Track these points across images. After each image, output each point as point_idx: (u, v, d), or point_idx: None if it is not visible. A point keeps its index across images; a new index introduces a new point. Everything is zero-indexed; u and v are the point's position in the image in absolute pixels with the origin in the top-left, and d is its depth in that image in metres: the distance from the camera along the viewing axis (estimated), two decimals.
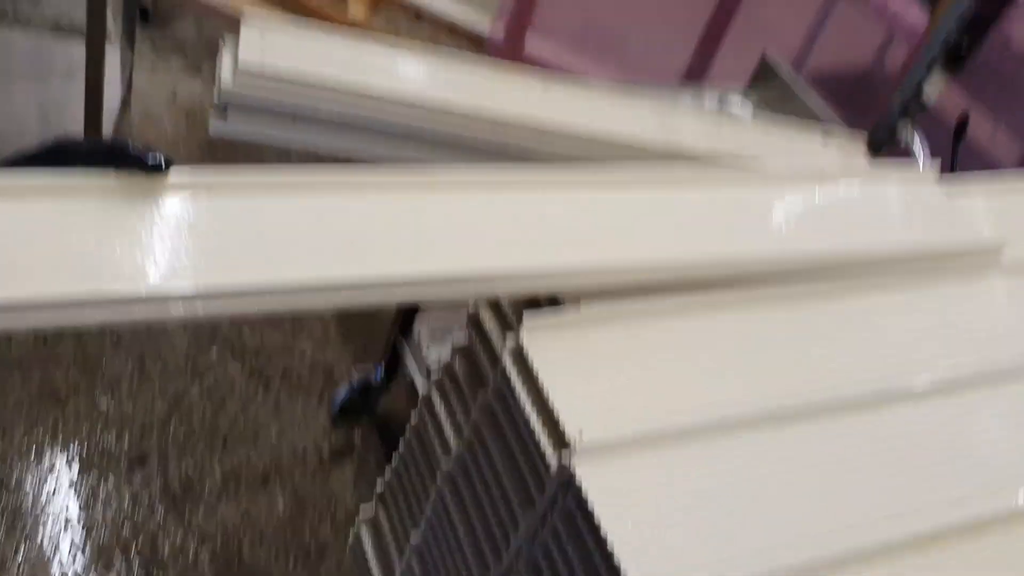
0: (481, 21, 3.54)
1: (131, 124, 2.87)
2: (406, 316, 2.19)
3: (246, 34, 1.45)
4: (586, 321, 0.87)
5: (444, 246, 0.92)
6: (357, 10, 3.40)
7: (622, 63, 3.19)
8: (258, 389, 2.33)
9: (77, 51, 2.68)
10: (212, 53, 3.26)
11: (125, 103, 2.86)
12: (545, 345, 0.84)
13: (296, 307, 0.93)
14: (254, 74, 1.40)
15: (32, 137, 2.44)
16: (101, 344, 2.28)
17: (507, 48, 3.24)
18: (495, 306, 0.97)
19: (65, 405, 2.16)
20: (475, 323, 0.97)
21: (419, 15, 3.52)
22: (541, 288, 0.89)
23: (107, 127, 2.56)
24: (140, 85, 3.00)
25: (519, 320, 0.86)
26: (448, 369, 1.03)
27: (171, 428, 2.19)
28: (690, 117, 1.66)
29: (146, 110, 2.94)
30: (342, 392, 2.30)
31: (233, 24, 3.09)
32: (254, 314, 0.99)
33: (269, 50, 1.43)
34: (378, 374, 2.28)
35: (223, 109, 1.44)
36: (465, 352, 1.00)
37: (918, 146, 1.61)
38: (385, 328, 2.57)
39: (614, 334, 0.87)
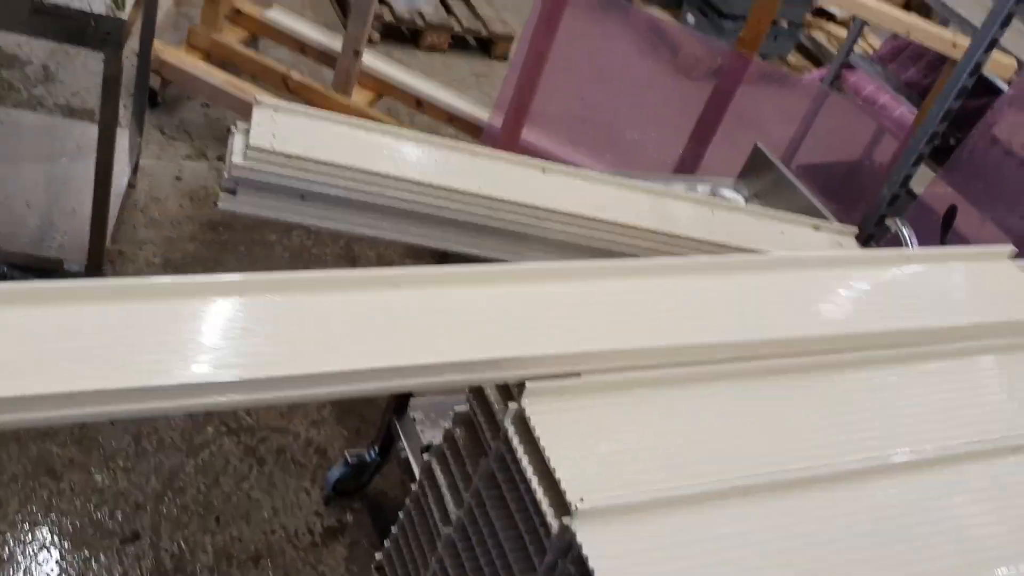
0: (480, 111, 3.65)
1: (136, 204, 2.93)
2: (400, 397, 2.20)
3: (258, 114, 1.51)
4: (587, 389, 0.90)
5: (470, 334, 0.95)
6: (360, 98, 3.50)
7: (616, 155, 3.28)
8: (252, 467, 2.33)
9: (87, 132, 2.76)
10: (217, 138, 3.36)
11: (131, 184, 2.93)
12: (547, 412, 0.87)
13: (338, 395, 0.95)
14: (264, 152, 1.45)
15: (39, 213, 2.51)
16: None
17: (505, 138, 3.34)
18: None
19: (60, 480, 2.15)
20: (477, 391, 1.00)
21: (420, 104, 3.62)
22: (558, 371, 0.92)
23: (113, 207, 2.62)
24: (146, 166, 3.08)
25: (520, 389, 0.89)
26: (449, 437, 1.05)
27: (165, 505, 2.18)
28: (685, 203, 1.72)
29: (151, 191, 3.00)
30: (336, 471, 2.30)
31: (240, 109, 3.19)
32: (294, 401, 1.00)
33: (279, 130, 1.49)
34: (372, 454, 2.29)
35: (233, 185, 1.49)
36: (466, 420, 1.02)
37: (907, 235, 1.66)
38: (379, 409, 2.59)
39: (615, 401, 0.89)
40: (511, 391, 1.01)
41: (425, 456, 1.12)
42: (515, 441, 0.86)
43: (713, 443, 0.92)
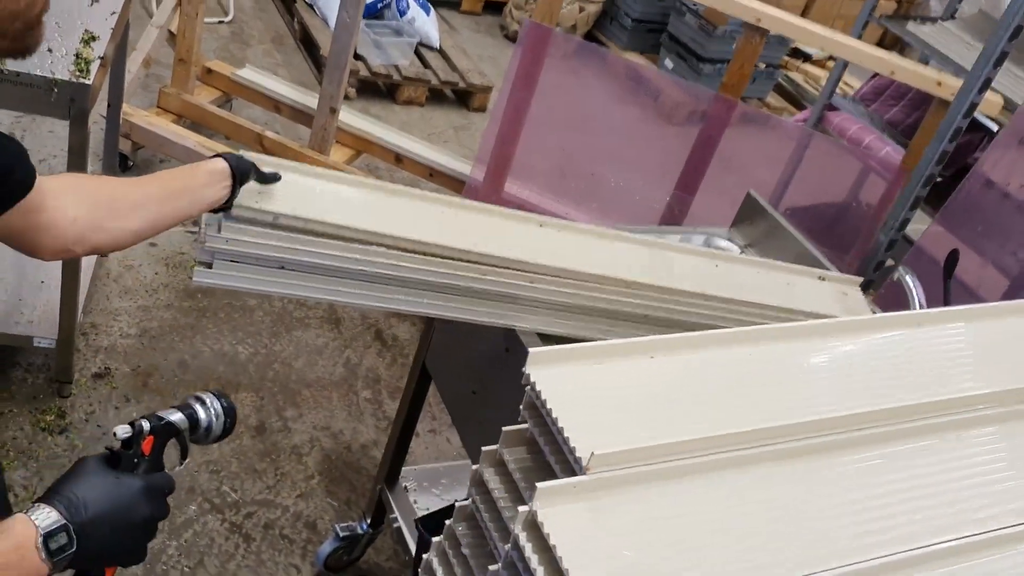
0: (460, 164, 3.59)
1: (108, 273, 2.84)
2: (392, 465, 2.11)
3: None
4: (600, 487, 0.81)
5: None
6: (338, 155, 3.43)
7: (602, 204, 3.22)
8: (238, 545, 2.22)
9: None
10: None
11: (103, 254, 2.83)
12: (560, 515, 0.78)
13: None
14: (241, 224, 1.37)
15: (6, 288, 2.41)
16: None
17: (487, 191, 3.27)
18: (499, 464, 0.91)
19: None
20: (479, 484, 0.91)
21: (399, 159, 3.56)
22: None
23: (84, 278, 2.53)
24: None
25: (526, 482, 0.80)
26: (450, 535, 0.96)
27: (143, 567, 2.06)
28: (686, 256, 1.65)
29: (124, 259, 2.91)
30: (327, 546, 2.19)
31: None
32: None
33: (256, 200, 1.41)
34: (363, 526, 2.18)
35: (208, 258, 1.41)
36: (470, 517, 0.93)
37: (912, 284, 1.59)
38: (368, 478, 2.49)
39: (631, 498, 0.81)
40: (515, 482, 0.92)
41: (425, 556, 1.02)
42: (528, 548, 0.77)
43: (747, 539, 0.83)
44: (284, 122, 3.77)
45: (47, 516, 0.92)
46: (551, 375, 0.85)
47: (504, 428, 0.92)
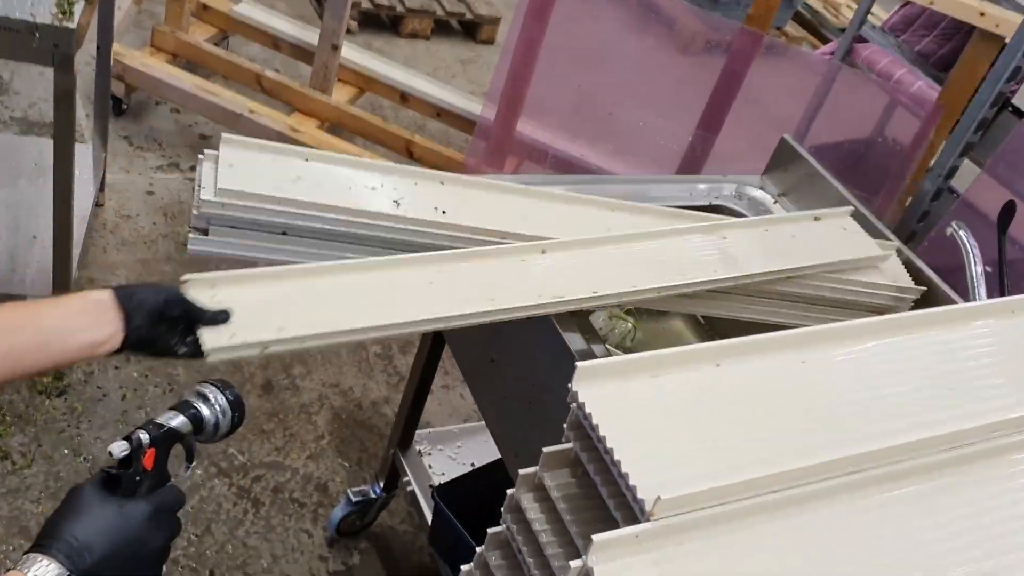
0: (469, 103, 3.43)
1: (105, 224, 2.72)
2: (405, 429, 2.01)
3: (225, 151, 1.30)
4: (666, 535, 0.69)
5: None
6: (340, 95, 3.28)
7: (619, 145, 3.07)
8: (247, 511, 2.14)
9: (45, 150, 2.54)
10: (190, 145, 3.14)
11: (98, 203, 2.71)
12: (621, 571, 0.66)
13: None
14: (235, 194, 1.25)
15: (2, 240, 2.29)
16: (74, 468, 2.08)
17: (498, 131, 3.12)
18: (539, 488, 0.79)
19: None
20: (516, 511, 0.79)
21: (405, 98, 3.41)
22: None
23: (79, 231, 2.41)
24: (114, 182, 2.86)
25: (572, 514, 0.69)
26: (482, 564, 0.85)
27: None
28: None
29: (121, 209, 2.78)
30: (339, 511, 2.11)
31: (212, 113, 2.96)
32: None
33: (250, 168, 1.29)
34: (376, 490, 2.10)
35: (204, 224, 1.29)
36: (504, 544, 0.81)
37: (967, 241, 1.47)
38: (380, 437, 2.40)
39: (703, 547, 0.69)
40: (558, 512, 0.80)
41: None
42: None
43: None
44: (284, 60, 3.61)
45: (46, 570, 0.80)
46: (602, 394, 0.73)
47: (545, 449, 0.79)
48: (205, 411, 1.01)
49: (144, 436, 0.93)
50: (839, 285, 1.55)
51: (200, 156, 1.31)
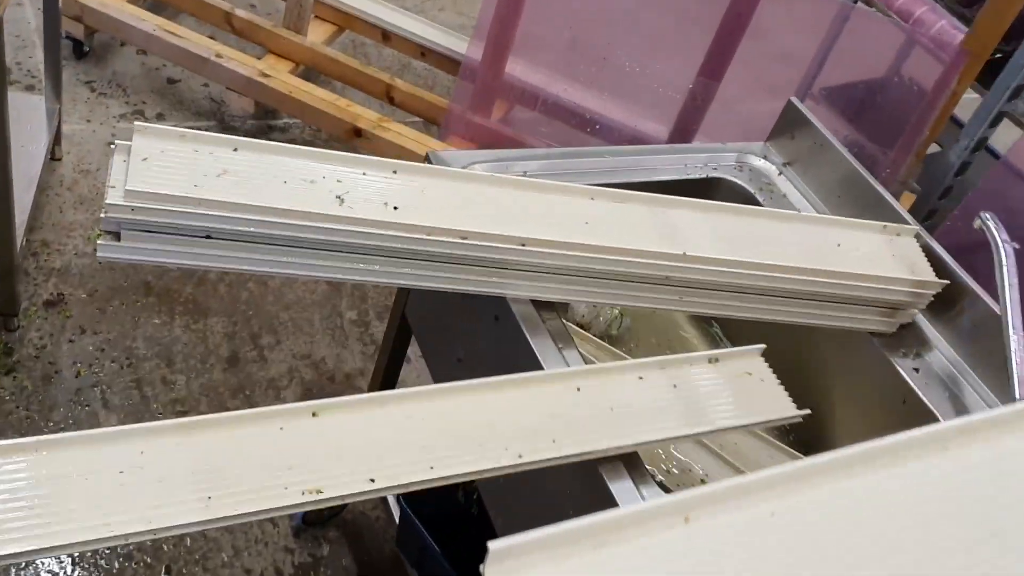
0: (456, 40, 3.20)
1: (62, 180, 2.53)
2: None
3: (140, 142, 1.12)
4: None
5: None
6: (316, 34, 3.05)
7: (615, 89, 2.86)
8: None
9: None
10: (157, 91, 2.93)
11: (54, 156, 2.52)
12: None
13: None
14: (147, 196, 1.07)
15: None
16: None
17: (486, 73, 2.91)
18: None
19: None
20: None
21: (387, 37, 3.18)
22: None
23: (27, 191, 2.23)
24: (73, 133, 2.66)
25: None
26: None
27: (103, 557, 1.86)
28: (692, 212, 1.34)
29: (80, 163, 2.60)
30: None
31: (179, 57, 2.74)
32: None
33: (167, 163, 1.11)
34: None
35: (116, 228, 1.12)
36: None
37: (997, 235, 1.28)
38: None
39: None
40: None
41: None
42: None
43: None
44: None
45: None
46: None
47: None
48: None
49: None
50: (850, 282, 1.38)
51: (111, 146, 1.14)
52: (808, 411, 1.24)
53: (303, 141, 2.95)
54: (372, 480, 0.96)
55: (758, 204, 1.65)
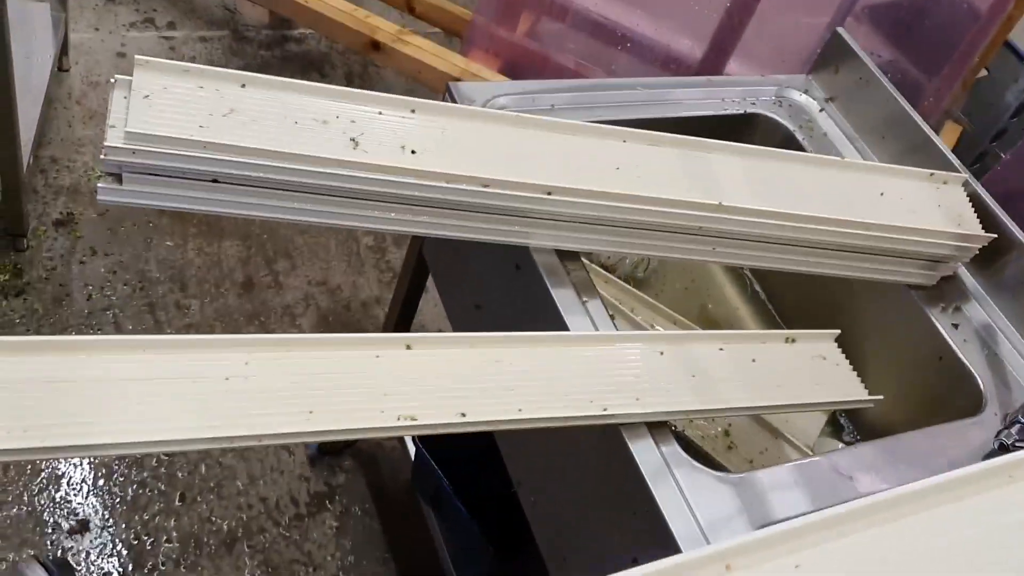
0: None
1: (71, 93, 2.45)
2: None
3: (141, 78, 1.04)
4: None
5: None
6: None
7: (646, 4, 2.72)
8: None
9: None
10: None
11: (62, 67, 2.44)
12: None
13: None
14: (148, 138, 1.00)
15: None
16: None
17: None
18: None
19: None
20: None
21: None
22: None
23: (34, 104, 2.16)
24: (81, 42, 2.57)
25: None
26: None
27: (117, 483, 1.85)
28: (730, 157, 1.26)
29: (88, 74, 2.51)
30: None
31: None
32: None
33: (170, 101, 1.03)
34: None
35: (116, 170, 1.05)
36: None
37: None
38: None
39: None
40: None
41: None
42: None
43: None
44: None
45: None
46: None
47: None
48: None
49: None
50: (892, 235, 1.30)
51: (111, 81, 1.06)
52: (881, 397, 1.22)
53: (319, 53, 2.84)
54: (463, 415, 0.99)
55: (797, 142, 1.56)
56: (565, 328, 1.16)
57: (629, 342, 1.13)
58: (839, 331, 1.28)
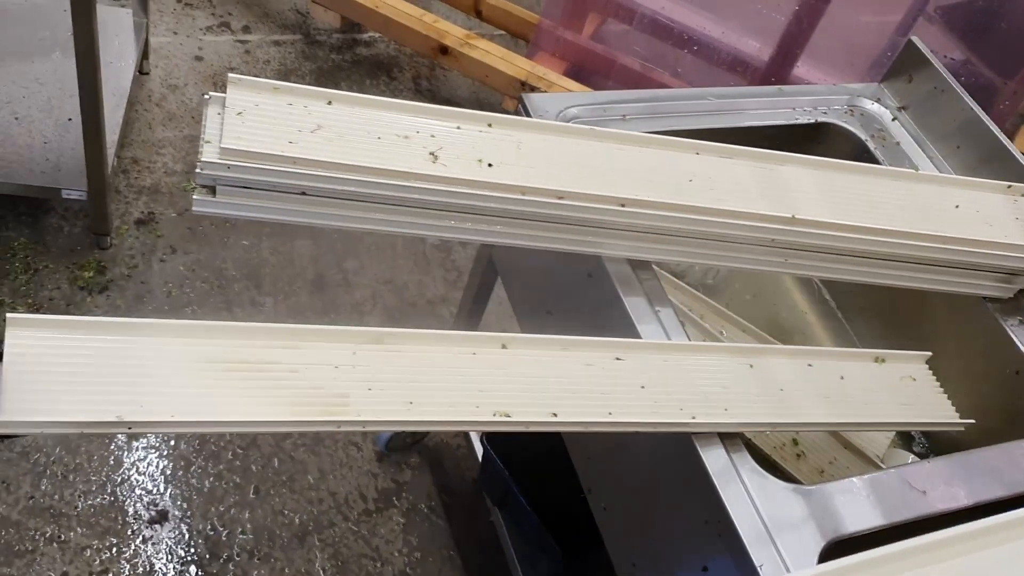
0: None
1: (151, 96, 2.53)
2: None
3: (234, 95, 1.09)
4: None
5: None
6: None
7: (713, 5, 2.71)
8: None
9: None
10: (242, 2, 2.89)
11: (142, 71, 2.52)
12: None
13: None
14: (242, 154, 1.04)
15: (30, 127, 2.12)
16: None
17: None
18: None
19: (76, 454, 1.90)
20: None
21: None
22: None
23: (117, 107, 2.23)
24: (160, 46, 2.65)
25: None
26: None
27: (195, 475, 1.92)
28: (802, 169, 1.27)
29: (167, 77, 2.59)
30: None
31: None
32: None
33: (261, 117, 1.08)
34: None
35: (211, 182, 1.10)
36: None
37: None
38: None
39: None
40: None
41: None
42: None
43: None
44: None
45: None
46: None
47: None
48: None
49: None
50: (967, 248, 1.30)
51: (205, 97, 1.11)
52: (972, 421, 1.23)
53: (388, 56, 2.89)
54: (555, 414, 1.03)
55: (869, 151, 1.56)
56: (637, 336, 1.18)
57: (718, 353, 1.15)
58: (931, 353, 1.28)
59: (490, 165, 1.15)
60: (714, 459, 1.08)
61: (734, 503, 1.04)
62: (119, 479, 1.88)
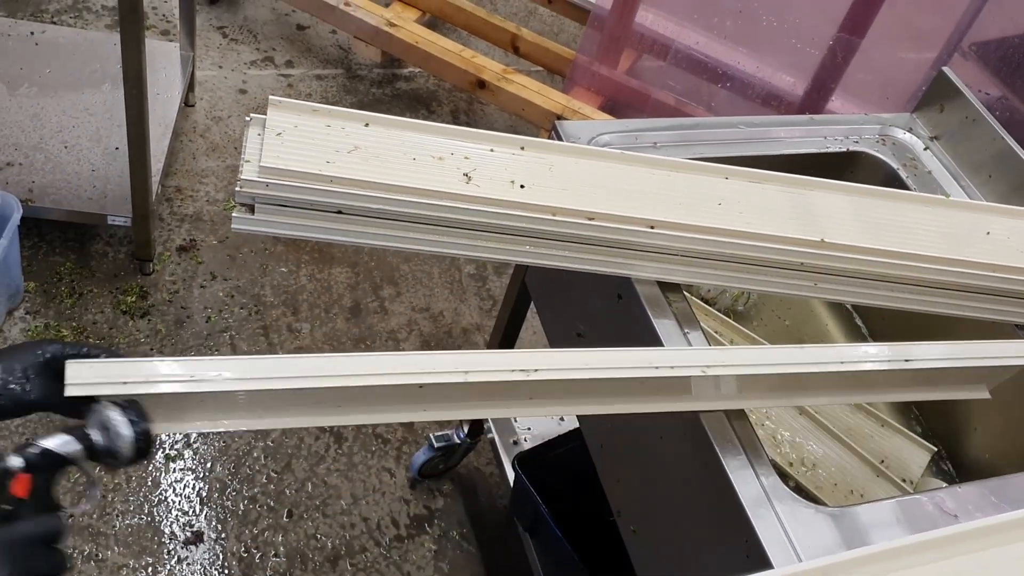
0: None
1: (195, 127, 2.60)
2: None
3: (274, 116, 1.12)
4: None
5: None
6: None
7: (747, 41, 2.74)
8: (329, 446, 2.07)
9: None
10: (286, 37, 2.97)
11: (188, 103, 2.59)
12: None
13: None
14: (281, 172, 1.08)
15: (78, 155, 2.19)
16: None
17: (615, 21, 2.83)
18: None
19: (114, 474, 1.94)
20: None
21: None
22: None
23: (163, 137, 2.30)
24: (206, 79, 2.73)
25: None
26: None
27: (230, 498, 1.95)
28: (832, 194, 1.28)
29: (212, 109, 2.66)
30: (420, 455, 2.02)
31: (305, 3, 2.75)
32: None
33: (300, 138, 1.11)
34: (460, 435, 1.99)
35: (250, 200, 1.13)
36: None
37: None
38: None
39: None
40: None
41: None
42: None
43: None
44: None
45: None
46: None
47: None
48: (95, 435, 0.83)
49: (15, 461, 0.78)
50: (998, 273, 1.29)
51: (247, 119, 1.14)
52: None
53: (427, 91, 2.94)
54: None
55: (901, 180, 1.56)
56: None
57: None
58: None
59: (522, 186, 1.17)
60: (742, 481, 1.09)
61: (762, 525, 1.04)
62: (156, 500, 1.91)
